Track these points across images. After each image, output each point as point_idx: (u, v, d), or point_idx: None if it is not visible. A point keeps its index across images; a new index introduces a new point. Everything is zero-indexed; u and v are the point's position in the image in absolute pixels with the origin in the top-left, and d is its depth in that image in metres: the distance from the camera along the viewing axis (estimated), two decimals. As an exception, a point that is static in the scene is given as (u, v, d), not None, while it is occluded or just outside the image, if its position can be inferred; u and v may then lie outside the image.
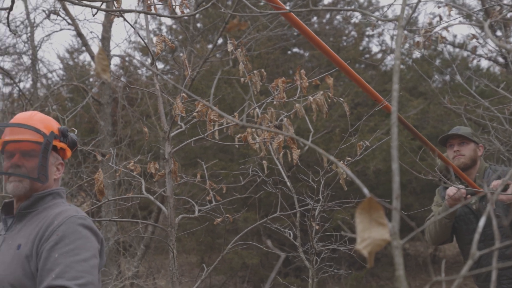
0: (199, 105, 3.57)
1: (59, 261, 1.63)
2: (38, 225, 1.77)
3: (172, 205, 3.42)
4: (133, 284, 7.49)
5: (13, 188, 1.83)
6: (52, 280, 1.58)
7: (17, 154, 1.84)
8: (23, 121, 1.89)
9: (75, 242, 1.70)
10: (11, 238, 1.80)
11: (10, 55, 8.32)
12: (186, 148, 7.98)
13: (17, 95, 9.38)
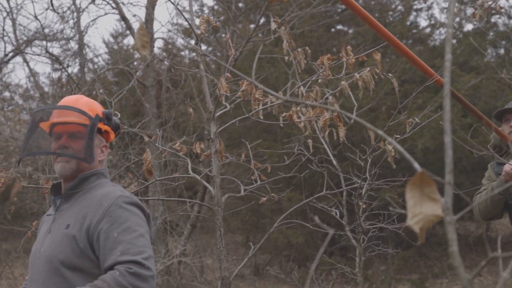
0: (243, 85, 3.56)
1: (120, 239, 1.69)
2: (85, 205, 1.83)
3: (218, 185, 3.44)
4: (180, 262, 7.67)
5: (60, 169, 1.89)
6: (118, 257, 1.65)
7: (64, 136, 1.90)
8: (69, 104, 1.95)
9: (130, 220, 1.75)
10: (60, 218, 1.87)
11: (58, 40, 8.56)
12: (229, 129, 8.02)
13: (66, 80, 9.67)
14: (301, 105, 3.67)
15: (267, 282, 8.24)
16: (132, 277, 1.60)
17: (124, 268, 1.61)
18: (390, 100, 7.47)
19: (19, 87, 10.59)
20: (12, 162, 8.58)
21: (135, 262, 1.64)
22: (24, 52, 8.56)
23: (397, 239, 7.62)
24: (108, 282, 1.57)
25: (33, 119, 2.02)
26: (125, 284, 1.58)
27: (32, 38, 8.77)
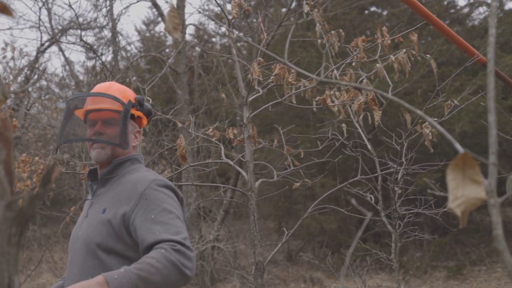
0: (276, 69, 3.52)
1: (157, 220, 1.70)
2: (120, 190, 1.85)
3: (251, 170, 3.43)
4: (214, 248, 7.74)
5: (96, 155, 1.92)
6: (158, 236, 1.64)
7: (99, 122, 1.92)
8: (102, 91, 1.97)
9: (165, 202, 1.76)
10: (97, 202, 1.90)
11: (92, 29, 8.68)
12: (261, 115, 7.99)
13: (100, 68, 9.82)
14: (335, 89, 3.61)
15: (300, 268, 8.24)
16: (178, 254, 1.60)
17: (168, 246, 1.61)
18: (425, 83, 7.28)
19: (55, 76, 10.82)
20: (50, 149, 8.81)
21: (176, 241, 1.63)
22: (59, 41, 8.72)
23: (433, 225, 7.48)
24: (157, 258, 1.55)
25: (68, 107, 2.05)
26: (173, 260, 1.57)
27: (67, 27, 8.93)
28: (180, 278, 1.58)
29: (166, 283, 1.54)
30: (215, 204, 8.46)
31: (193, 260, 1.65)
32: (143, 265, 1.52)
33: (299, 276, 7.84)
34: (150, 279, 1.49)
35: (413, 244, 7.71)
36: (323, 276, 7.45)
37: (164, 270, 1.54)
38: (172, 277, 1.56)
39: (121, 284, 1.41)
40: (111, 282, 1.39)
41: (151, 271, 1.51)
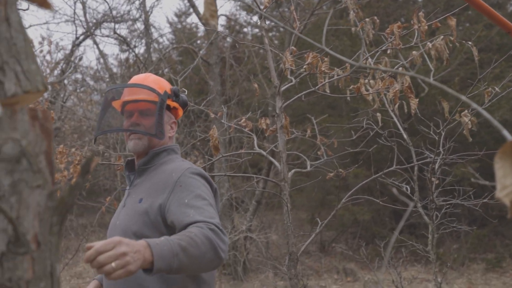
0: (308, 58, 3.47)
1: (191, 204, 1.70)
2: (156, 179, 1.86)
3: (284, 160, 3.41)
4: (246, 238, 7.77)
5: (133, 146, 1.94)
6: (193, 217, 1.64)
7: (136, 113, 1.94)
8: (139, 82, 1.98)
9: (200, 188, 1.76)
10: (134, 192, 1.92)
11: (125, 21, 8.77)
12: (293, 105, 7.94)
13: (133, 60, 9.93)
14: (369, 78, 3.54)
15: (333, 259, 8.19)
16: (213, 233, 1.58)
17: (205, 225, 1.60)
18: (463, 71, 7.06)
19: (90, 69, 11.01)
20: (86, 141, 8.99)
21: (211, 222, 1.63)
22: (94, 34, 8.86)
23: (471, 216, 7.30)
24: (195, 232, 1.54)
25: (105, 98, 2.08)
26: (210, 238, 1.56)
27: (101, 20, 9.06)
28: (214, 257, 1.56)
29: (202, 260, 1.53)
30: (247, 194, 8.48)
31: (227, 244, 1.63)
32: (183, 237, 1.50)
33: (332, 267, 7.79)
34: (189, 251, 1.48)
35: (449, 236, 7.55)
36: (356, 267, 7.38)
37: (202, 245, 1.52)
38: (208, 255, 1.54)
39: (162, 250, 1.40)
40: (153, 247, 1.38)
41: (190, 243, 1.49)
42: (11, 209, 0.85)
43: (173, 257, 1.43)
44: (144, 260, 1.36)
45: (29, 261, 0.86)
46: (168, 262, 1.42)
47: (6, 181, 0.85)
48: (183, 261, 1.46)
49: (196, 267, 1.53)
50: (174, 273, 1.49)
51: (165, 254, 1.41)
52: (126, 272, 1.31)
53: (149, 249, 1.38)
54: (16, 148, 0.86)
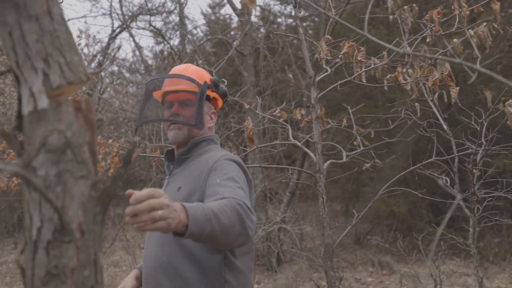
0: (344, 47, 3.42)
1: (222, 184, 1.68)
2: (194, 168, 1.87)
3: (320, 151, 3.38)
4: (280, 229, 7.77)
5: (173, 136, 1.96)
6: (222, 195, 1.62)
7: (176, 104, 1.96)
8: (179, 73, 2.00)
9: (233, 172, 1.75)
10: (173, 181, 1.94)
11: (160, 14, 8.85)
12: (328, 96, 7.85)
13: (167, 52, 10.02)
14: (407, 66, 3.46)
15: (368, 252, 8.10)
16: (242, 209, 1.55)
17: (234, 200, 1.57)
18: (506, 59, 6.81)
19: (126, 61, 11.18)
20: (122, 132, 9.15)
21: (240, 200, 1.59)
22: (130, 27, 8.98)
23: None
24: (225, 203, 1.52)
25: (146, 89, 2.10)
26: (239, 210, 1.53)
27: (136, 13, 9.17)
28: (241, 231, 1.53)
29: (231, 231, 1.49)
30: (282, 186, 8.47)
31: (254, 223, 1.60)
32: (214, 204, 1.48)
33: (367, 259, 7.71)
34: (220, 218, 1.45)
35: (490, 230, 7.34)
36: (392, 260, 7.28)
37: (231, 216, 1.49)
38: (236, 228, 1.50)
39: (196, 213, 1.37)
40: (188, 209, 1.35)
41: (221, 211, 1.46)
42: (56, 199, 0.87)
43: (206, 222, 1.40)
44: (179, 222, 1.31)
45: (74, 249, 0.88)
46: (201, 226, 1.38)
47: (52, 171, 0.87)
48: (214, 228, 1.42)
49: (224, 239, 1.48)
50: (203, 241, 1.45)
51: (198, 218, 1.38)
52: (167, 225, 1.25)
53: (184, 211, 1.35)
54: (61, 139, 0.87)
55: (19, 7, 0.88)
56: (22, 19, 0.89)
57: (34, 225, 0.87)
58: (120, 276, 7.57)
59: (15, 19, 0.89)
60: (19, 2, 0.88)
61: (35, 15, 0.90)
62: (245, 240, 1.57)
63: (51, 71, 0.90)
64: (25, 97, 0.89)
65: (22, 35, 0.89)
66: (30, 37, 0.90)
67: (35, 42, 0.90)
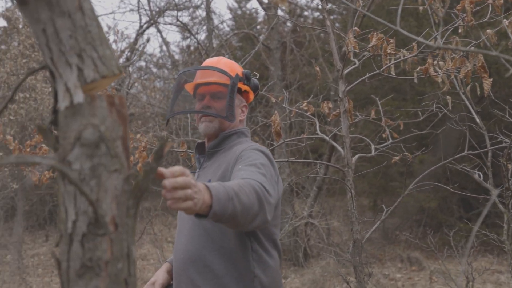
0: (373, 39, 3.36)
1: (244, 169, 1.67)
2: (224, 161, 1.86)
3: (348, 145, 3.34)
4: (307, 224, 7.74)
5: (204, 128, 1.95)
6: (241, 176, 1.60)
7: (207, 96, 1.95)
8: (211, 65, 2.00)
9: (256, 160, 1.72)
10: (203, 174, 1.94)
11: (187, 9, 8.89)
12: (356, 89, 7.76)
13: (194, 47, 10.07)
14: (438, 58, 3.38)
15: (396, 247, 8.01)
16: (259, 187, 1.53)
17: (252, 181, 1.55)
18: (541, 51, 6.62)
19: (153, 57, 11.30)
20: (150, 127, 9.25)
21: (258, 182, 1.57)
22: (157, 22, 9.06)
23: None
24: (243, 182, 1.50)
25: (178, 81, 2.10)
26: (258, 190, 1.51)
27: (164, 8, 9.24)
28: (259, 211, 1.51)
29: (250, 211, 1.47)
30: (308, 180, 8.43)
31: (271, 205, 1.58)
32: (233, 183, 1.46)
33: (396, 255, 7.62)
34: (241, 197, 1.43)
35: (524, 225, 7.16)
36: (421, 256, 7.18)
37: (250, 195, 1.48)
38: (254, 207, 1.48)
39: (219, 192, 1.36)
40: (212, 189, 1.34)
41: (241, 190, 1.45)
42: (91, 192, 0.88)
43: (228, 201, 1.38)
44: (203, 202, 1.30)
45: (108, 242, 0.88)
46: (224, 205, 1.37)
47: (87, 165, 0.88)
48: (236, 207, 1.41)
49: (243, 219, 1.46)
50: (224, 221, 1.43)
51: (221, 197, 1.36)
52: (193, 205, 1.23)
53: (208, 191, 1.33)
54: (95, 134, 0.88)
55: (52, 4, 0.89)
56: (55, 15, 0.90)
57: (69, 218, 0.88)
58: (147, 269, 7.68)
59: (48, 16, 0.90)
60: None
61: (67, 11, 0.91)
62: (263, 221, 1.55)
63: (85, 66, 0.91)
64: (61, 92, 0.90)
65: (55, 32, 0.90)
66: (63, 33, 0.91)
67: (69, 38, 0.91)
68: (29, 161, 0.64)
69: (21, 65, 8.25)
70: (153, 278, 1.99)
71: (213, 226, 1.77)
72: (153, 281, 1.97)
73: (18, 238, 8.04)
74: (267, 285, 1.79)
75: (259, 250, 1.80)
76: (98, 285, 0.88)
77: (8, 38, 9.58)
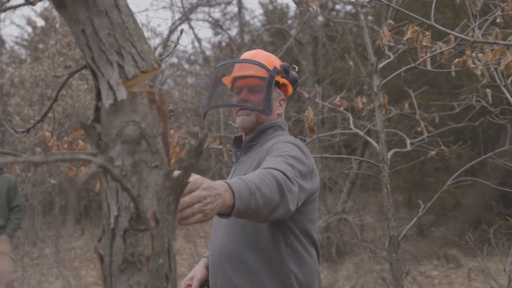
0: (408, 32, 3.29)
1: (271, 159, 1.65)
2: (258, 154, 1.85)
3: (383, 140, 3.29)
4: (340, 220, 7.68)
5: (241, 121, 1.94)
6: (265, 165, 1.60)
7: (245, 90, 1.94)
8: (249, 58, 1.98)
9: (285, 151, 1.70)
10: (239, 169, 1.94)
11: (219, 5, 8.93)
12: (389, 83, 7.62)
13: (225, 43, 10.10)
14: (477, 50, 3.29)
15: (432, 244, 7.86)
16: (280, 176, 1.51)
17: (273, 170, 1.54)
18: None
19: (185, 53, 11.39)
20: (182, 123, 9.35)
21: (280, 170, 1.55)
22: (189, 19, 9.13)
23: None
24: (263, 173, 1.49)
25: (215, 74, 2.09)
26: (279, 179, 1.49)
27: (196, 5, 9.31)
28: (281, 200, 1.49)
29: (272, 201, 1.46)
30: (341, 175, 8.36)
31: (294, 194, 1.55)
32: (254, 177, 1.45)
33: (432, 252, 7.48)
34: (263, 190, 1.42)
35: None
36: (459, 254, 7.02)
37: (272, 186, 1.46)
38: (277, 196, 1.47)
39: (241, 188, 1.35)
40: (232, 185, 1.34)
41: (262, 183, 1.43)
42: (132, 188, 0.89)
43: (251, 196, 1.38)
44: (224, 204, 1.30)
45: (149, 237, 0.89)
46: (246, 202, 1.36)
47: (128, 161, 0.89)
48: (258, 201, 1.40)
49: (265, 211, 1.45)
50: (247, 216, 1.42)
51: (243, 193, 1.36)
52: (203, 217, 1.24)
53: (230, 191, 1.33)
54: (136, 130, 0.89)
55: (89, 4, 0.91)
56: (93, 15, 0.91)
57: (111, 213, 0.90)
58: (180, 264, 7.76)
59: (86, 16, 0.91)
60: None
61: (104, 10, 0.92)
62: (285, 211, 1.54)
63: (125, 63, 0.92)
64: (104, 90, 0.91)
65: (94, 31, 0.92)
66: (102, 32, 0.92)
67: (107, 36, 0.92)
68: (75, 158, 0.65)
69: (58, 63, 8.45)
70: (191, 273, 2.00)
71: (248, 221, 1.77)
72: (191, 276, 1.99)
73: (55, 232, 8.26)
74: (303, 281, 1.78)
75: (294, 245, 1.78)
76: (139, 280, 0.89)
77: (45, 37, 9.84)
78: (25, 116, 8.21)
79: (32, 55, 10.20)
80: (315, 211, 1.87)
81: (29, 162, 0.64)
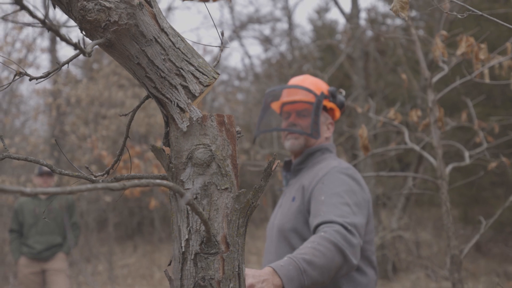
0: (462, 43, 3.20)
1: (326, 202, 1.69)
2: (307, 178, 1.88)
3: (440, 156, 3.19)
4: (395, 236, 7.48)
5: (290, 145, 2.00)
6: (322, 218, 1.63)
7: (293, 114, 2.00)
8: (297, 84, 2.04)
9: (339, 187, 1.74)
10: (288, 191, 1.98)
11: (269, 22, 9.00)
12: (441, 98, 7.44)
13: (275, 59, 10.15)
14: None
15: (490, 260, 7.51)
16: (338, 235, 1.54)
17: (328, 227, 1.57)
18: None
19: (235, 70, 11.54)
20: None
21: (337, 222, 1.59)
22: (240, 36, 9.26)
23: None
24: (317, 241, 1.52)
25: (265, 100, 2.16)
26: (334, 241, 1.52)
27: (246, 22, 9.43)
28: (343, 260, 1.53)
29: (332, 266, 1.50)
30: (395, 190, 8.16)
31: (355, 247, 1.58)
32: (306, 250, 1.49)
33: (491, 269, 7.14)
34: (315, 262, 1.46)
35: None
36: (520, 271, 6.68)
37: (327, 252, 1.50)
38: (336, 259, 1.51)
39: (289, 270, 1.40)
40: (279, 270, 1.38)
41: (315, 254, 1.47)
42: (203, 211, 0.90)
43: (302, 275, 1.42)
44: (275, 286, 1.36)
45: (220, 261, 0.90)
46: (298, 281, 1.41)
47: (198, 184, 0.90)
48: (312, 275, 1.44)
49: (326, 277, 1.50)
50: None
51: (292, 275, 1.40)
52: None
53: (276, 275, 1.38)
54: (206, 153, 0.90)
55: (137, 37, 0.92)
56: (144, 46, 0.93)
57: (182, 237, 0.91)
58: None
59: (138, 49, 0.93)
60: (135, 32, 0.92)
61: (153, 38, 0.93)
62: (349, 268, 1.57)
63: (188, 82, 0.94)
64: (176, 115, 0.93)
65: (150, 61, 0.93)
66: (157, 60, 0.93)
67: (163, 61, 0.93)
68: (151, 183, 0.66)
69: (112, 82, 8.74)
70: None
71: (299, 240, 1.78)
72: None
73: (109, 249, 8.46)
74: None
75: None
76: (210, 303, 0.89)
77: (100, 56, 10.21)
78: (80, 134, 8.51)
79: (88, 75, 10.60)
80: (372, 231, 1.87)
81: (107, 189, 0.66)
